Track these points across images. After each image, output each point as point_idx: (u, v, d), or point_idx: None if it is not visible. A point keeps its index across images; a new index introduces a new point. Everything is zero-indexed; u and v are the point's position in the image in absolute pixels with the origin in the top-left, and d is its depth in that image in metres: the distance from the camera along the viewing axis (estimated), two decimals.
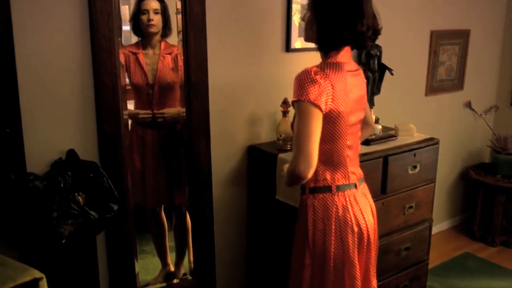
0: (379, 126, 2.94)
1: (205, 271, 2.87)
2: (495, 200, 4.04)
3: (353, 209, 1.99)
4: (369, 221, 2.05)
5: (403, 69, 3.51)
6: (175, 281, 2.96)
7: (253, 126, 2.90)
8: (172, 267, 3.12)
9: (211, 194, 2.80)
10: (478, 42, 4.10)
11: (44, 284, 1.80)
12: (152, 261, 3.15)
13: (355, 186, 2.03)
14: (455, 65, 3.99)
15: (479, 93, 4.28)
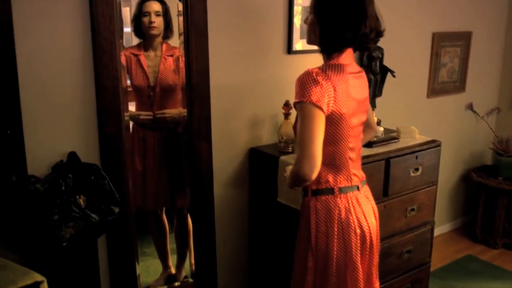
0: (381, 128, 2.93)
1: (206, 273, 2.86)
2: (497, 202, 4.03)
3: (356, 211, 1.98)
4: (371, 223, 2.04)
5: (405, 71, 3.51)
6: (176, 284, 2.95)
7: (255, 128, 2.90)
8: (173, 269, 3.11)
9: (212, 196, 2.79)
10: (480, 44, 4.10)
11: (45, 287, 1.80)
12: (153, 263, 3.15)
13: (358, 188, 2.02)
14: (457, 67, 3.98)
15: (481, 95, 4.27)
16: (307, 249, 2.01)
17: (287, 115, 2.75)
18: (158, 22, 2.77)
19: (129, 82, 2.82)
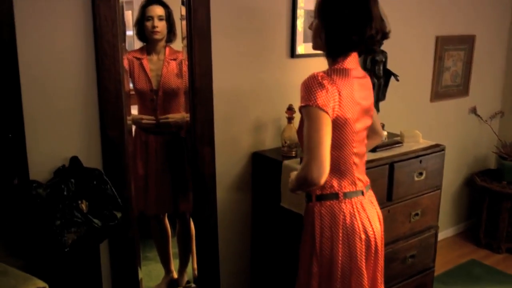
0: (384, 132, 2.91)
1: (209, 278, 2.84)
2: (501, 206, 4.01)
3: (361, 216, 1.97)
4: (376, 228, 2.02)
5: (408, 75, 3.49)
6: None
7: (258, 132, 2.88)
8: (175, 274, 3.10)
9: (215, 200, 2.78)
10: (483, 47, 4.08)
11: None
12: (155, 267, 3.13)
13: (362, 193, 2.01)
14: (460, 70, 3.97)
15: (484, 98, 4.25)
16: (311, 255, 1.99)
17: (290, 119, 2.74)
18: (161, 26, 2.76)
19: (131, 85, 2.81)
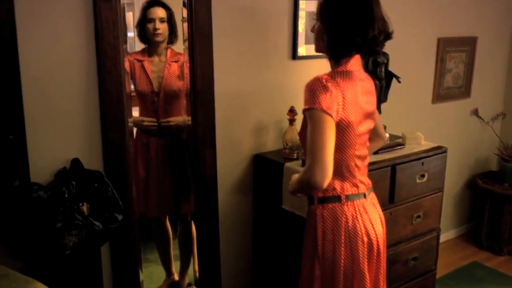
0: (386, 134, 2.90)
1: (210, 280, 2.84)
2: (502, 208, 3.99)
3: (363, 219, 1.96)
4: (378, 231, 2.02)
5: (410, 76, 3.48)
6: None
7: (259, 134, 2.87)
8: (176, 276, 3.10)
9: (216, 202, 2.77)
10: (485, 49, 4.07)
11: None
12: (156, 270, 3.13)
13: (364, 195, 2.00)
14: (462, 72, 3.96)
15: (486, 100, 4.24)
16: (313, 257, 1.99)
17: (292, 121, 2.73)
18: (162, 28, 2.76)
19: (132, 87, 2.81)
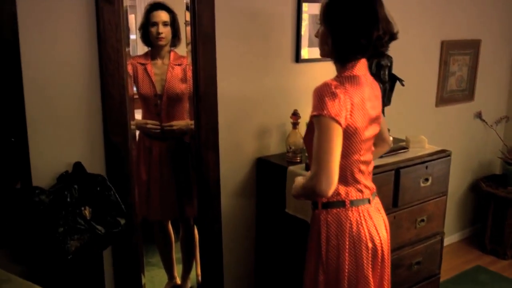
0: (390, 137, 2.89)
1: (212, 284, 2.82)
2: (506, 212, 3.97)
3: (367, 224, 1.94)
4: (383, 236, 2.00)
5: (413, 79, 3.47)
6: None
7: (262, 137, 2.86)
8: (178, 280, 3.09)
9: (219, 206, 2.75)
10: (488, 52, 4.06)
11: None
12: (158, 273, 3.12)
13: (369, 201, 1.98)
14: (466, 75, 3.94)
15: (489, 103, 4.23)
16: (317, 263, 1.97)
17: (295, 125, 2.71)
18: (166, 32, 2.75)
19: (135, 89, 2.80)
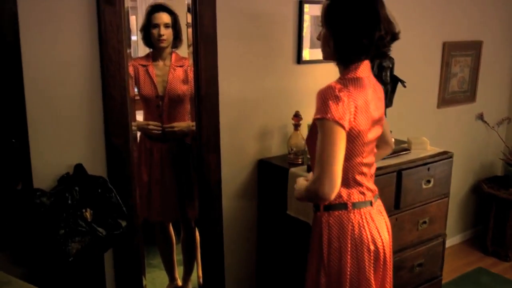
0: (392, 139, 2.88)
1: (214, 286, 2.81)
2: (508, 214, 3.96)
3: (369, 227, 1.93)
4: (385, 238, 1.99)
5: (415, 81, 3.46)
6: None
7: (264, 139, 2.85)
8: (179, 281, 3.08)
9: (221, 207, 2.75)
10: (490, 53, 4.05)
11: None
12: (159, 275, 3.11)
13: (371, 203, 1.97)
14: (468, 76, 3.93)
15: (491, 105, 4.22)
16: (319, 265, 1.96)
17: (296, 126, 2.70)
18: (167, 34, 2.74)
19: (136, 90, 2.79)
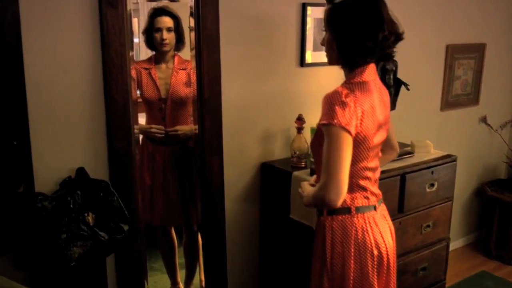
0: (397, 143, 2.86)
1: None
2: (511, 217, 3.94)
3: (373, 231, 1.92)
4: (388, 243, 1.97)
5: (418, 84, 3.44)
6: None
7: (267, 142, 2.84)
8: (182, 285, 3.07)
9: (223, 211, 2.74)
10: (494, 56, 4.03)
11: None
12: (161, 278, 3.10)
13: (375, 207, 1.96)
14: (471, 79, 3.92)
15: (495, 108, 4.20)
16: (322, 270, 1.95)
17: (300, 130, 2.69)
18: (170, 38, 2.73)
19: (138, 93, 2.78)
